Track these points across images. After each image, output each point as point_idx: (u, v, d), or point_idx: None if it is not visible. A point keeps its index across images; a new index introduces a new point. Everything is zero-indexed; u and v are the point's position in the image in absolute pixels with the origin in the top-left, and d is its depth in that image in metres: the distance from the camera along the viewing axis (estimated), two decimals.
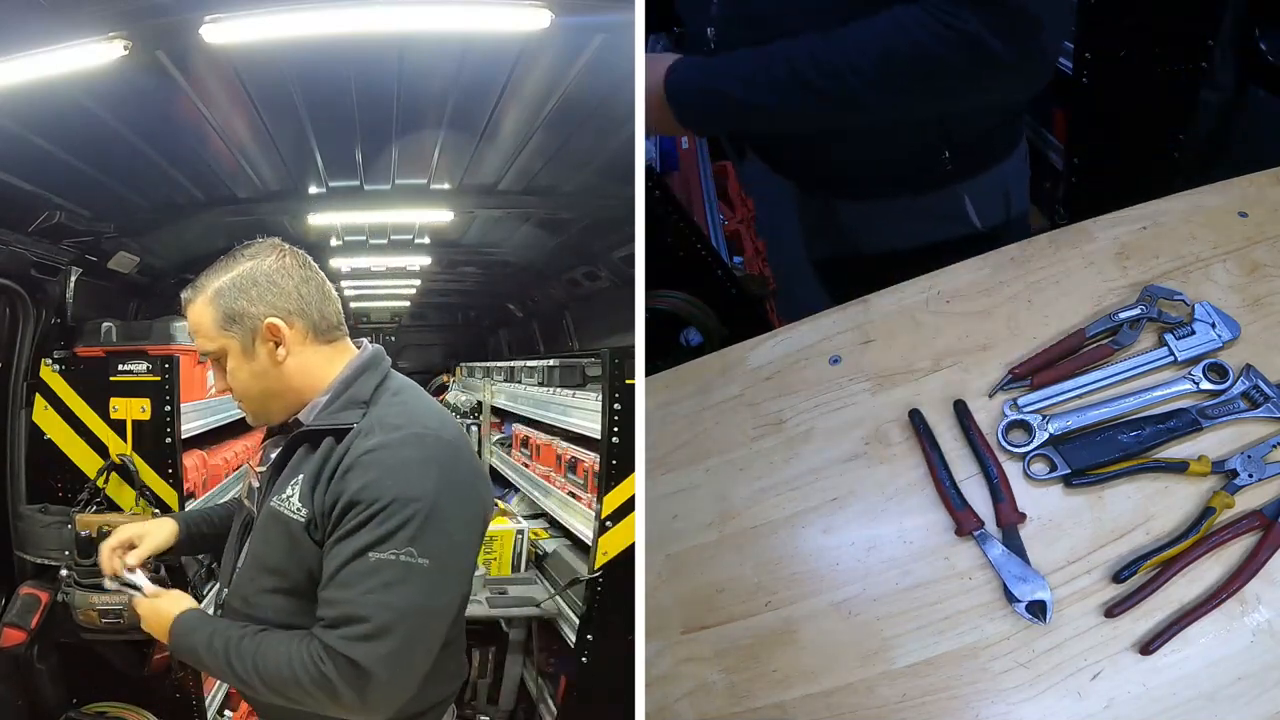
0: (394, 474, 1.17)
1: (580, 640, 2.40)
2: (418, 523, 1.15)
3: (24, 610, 2.29)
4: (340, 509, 1.17)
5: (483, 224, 3.32)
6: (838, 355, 1.40)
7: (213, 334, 1.30)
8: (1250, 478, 1.18)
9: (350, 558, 1.15)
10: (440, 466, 1.20)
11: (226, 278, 1.30)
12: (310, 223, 3.10)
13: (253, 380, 1.31)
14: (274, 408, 1.34)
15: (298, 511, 1.23)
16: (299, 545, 1.23)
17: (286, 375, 1.31)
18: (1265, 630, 1.13)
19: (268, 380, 1.31)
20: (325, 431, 1.26)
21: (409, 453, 1.19)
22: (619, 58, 1.57)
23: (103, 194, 2.51)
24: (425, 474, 1.18)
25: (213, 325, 1.30)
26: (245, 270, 1.30)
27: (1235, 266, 1.30)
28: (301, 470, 1.26)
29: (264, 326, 1.29)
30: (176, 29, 1.71)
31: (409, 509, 1.15)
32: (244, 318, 1.29)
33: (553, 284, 4.10)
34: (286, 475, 1.28)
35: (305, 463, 1.26)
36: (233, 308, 1.29)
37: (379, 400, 1.29)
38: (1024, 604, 1.19)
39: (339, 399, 1.29)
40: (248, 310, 1.29)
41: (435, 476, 1.19)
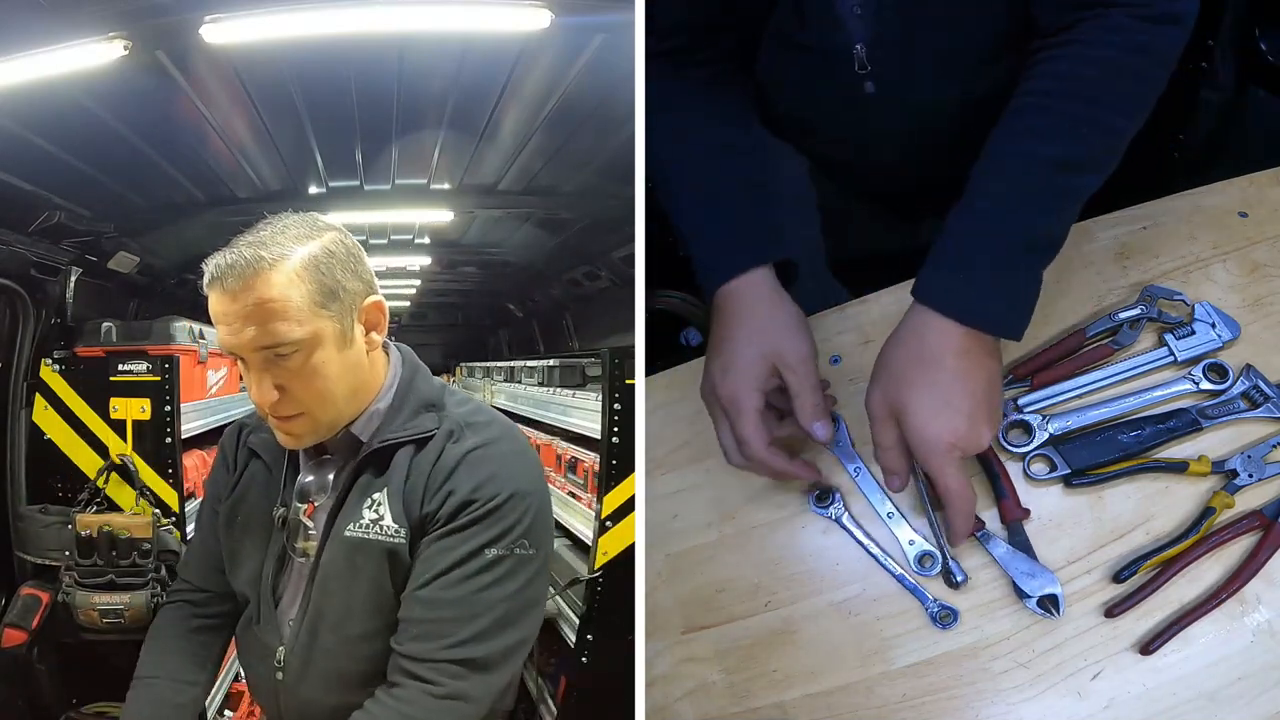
0: (506, 469, 1.11)
1: (580, 640, 2.41)
2: (533, 516, 1.11)
3: (25, 611, 2.30)
4: (451, 509, 1.08)
5: (483, 224, 3.32)
6: (838, 355, 1.40)
7: (304, 314, 1.05)
8: (1250, 478, 1.18)
9: (466, 557, 1.07)
10: (535, 458, 1.19)
11: (316, 245, 1.08)
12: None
13: (344, 375, 1.10)
14: (347, 413, 1.14)
15: (395, 534, 1.10)
16: (393, 576, 1.11)
17: (369, 371, 1.15)
18: (1265, 630, 1.13)
19: (358, 375, 1.13)
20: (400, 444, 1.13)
21: (510, 446, 1.14)
22: (619, 58, 1.57)
23: (103, 194, 2.52)
24: (530, 467, 1.16)
25: (307, 302, 1.05)
26: (334, 240, 1.10)
27: (1235, 266, 1.30)
28: (376, 488, 1.12)
29: (369, 305, 1.12)
30: (176, 29, 1.72)
31: (525, 503, 1.10)
32: (346, 294, 1.08)
33: (553, 284, 4.10)
34: (355, 497, 1.13)
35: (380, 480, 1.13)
36: (336, 280, 1.07)
37: (447, 401, 1.18)
38: (1035, 599, 1.20)
39: (407, 404, 1.16)
40: (349, 286, 1.09)
41: (537, 469, 1.17)
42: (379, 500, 1.11)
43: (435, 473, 1.10)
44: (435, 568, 1.08)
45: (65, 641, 2.32)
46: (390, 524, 1.10)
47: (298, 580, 1.20)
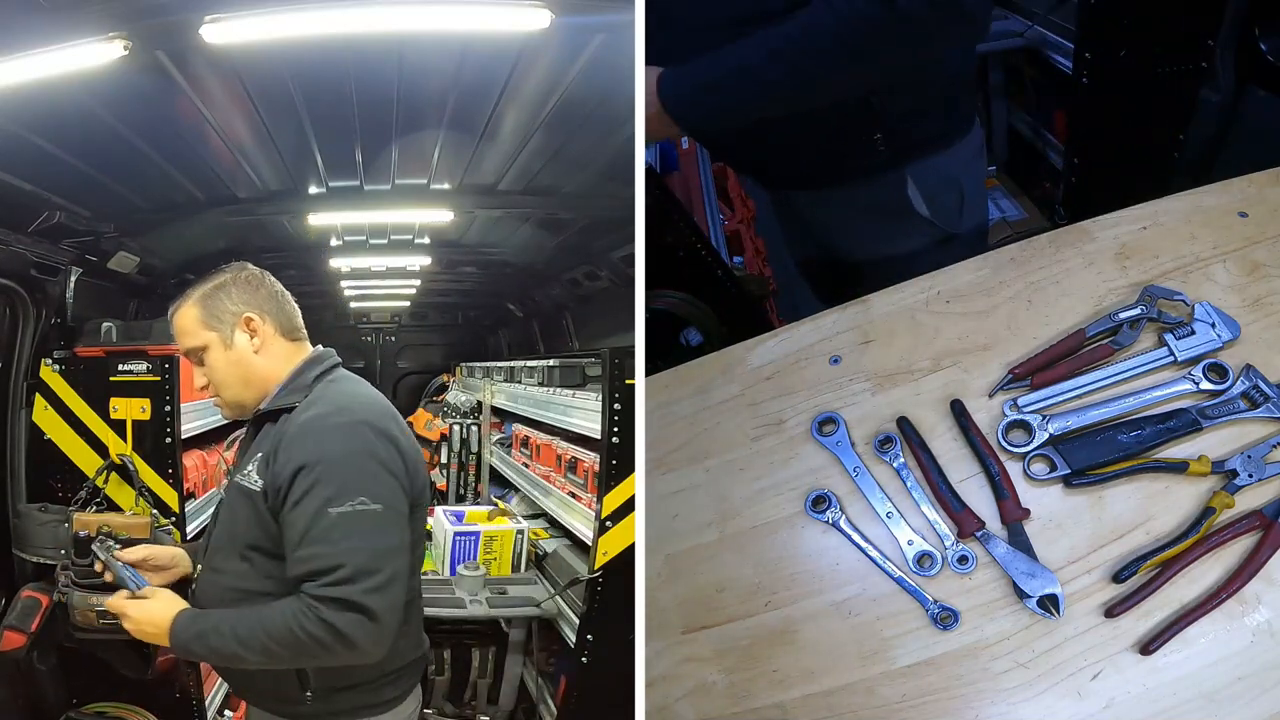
0: (329, 437, 1.35)
1: (580, 640, 2.40)
2: (360, 475, 1.32)
3: (24, 613, 2.29)
4: (289, 475, 1.33)
5: (483, 224, 3.32)
6: (838, 355, 1.40)
7: (197, 330, 1.51)
8: (1250, 478, 1.18)
9: (314, 516, 1.29)
10: (368, 426, 1.38)
11: (207, 285, 1.53)
12: (310, 223, 3.10)
13: (230, 368, 1.50)
14: (247, 396, 1.52)
15: (255, 483, 1.39)
16: (258, 512, 1.38)
17: (258, 364, 1.50)
18: (1265, 630, 1.13)
19: (243, 368, 1.50)
20: (276, 412, 1.45)
21: (338, 419, 1.38)
22: (619, 58, 1.57)
23: (103, 194, 2.51)
24: (354, 434, 1.36)
25: (196, 322, 1.51)
26: (223, 279, 1.54)
27: (1235, 266, 1.30)
28: (260, 449, 1.44)
29: (241, 319, 1.50)
30: (176, 29, 1.71)
31: (348, 465, 1.33)
32: (224, 314, 1.51)
33: (553, 284, 4.10)
34: (249, 455, 1.47)
35: (264, 441, 1.44)
36: (215, 306, 1.51)
37: (318, 387, 1.47)
38: (1035, 599, 1.20)
39: (289, 386, 1.49)
40: (228, 307, 1.51)
41: (363, 435, 1.36)
42: (256, 458, 1.42)
43: (282, 441, 1.38)
44: (297, 531, 1.31)
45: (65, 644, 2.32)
46: (255, 476, 1.40)
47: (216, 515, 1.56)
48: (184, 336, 1.54)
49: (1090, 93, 2.08)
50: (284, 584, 1.34)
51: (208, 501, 2.98)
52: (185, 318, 1.52)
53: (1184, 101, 1.98)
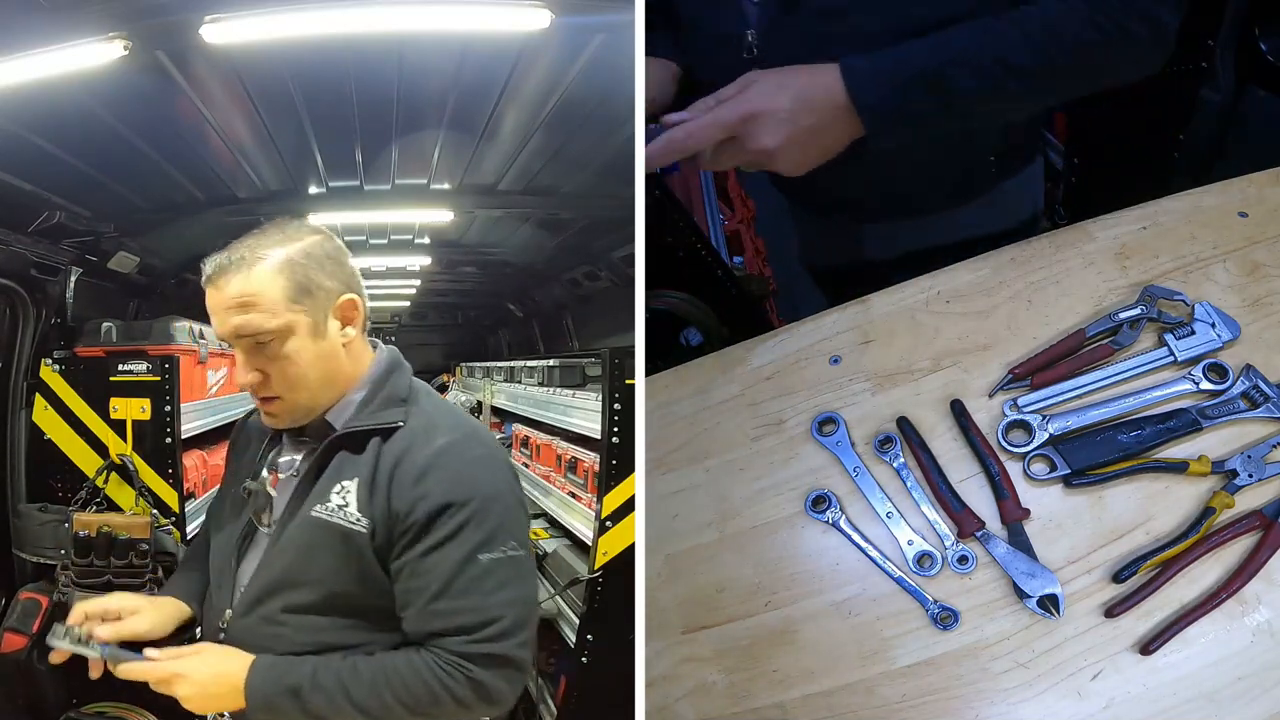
0: (476, 471, 1.17)
1: (580, 640, 2.40)
2: (511, 517, 1.17)
3: (25, 615, 2.30)
4: (427, 514, 1.13)
5: (483, 224, 3.32)
6: (838, 355, 1.40)
7: (278, 307, 1.17)
8: (1250, 478, 1.18)
9: (461, 563, 1.13)
10: (504, 459, 1.24)
11: (295, 248, 1.20)
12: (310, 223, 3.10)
13: (316, 363, 1.20)
14: (321, 400, 1.23)
15: (357, 520, 1.15)
16: (358, 556, 1.16)
17: (343, 362, 1.23)
18: (1265, 630, 1.13)
19: (330, 364, 1.21)
20: (369, 432, 1.19)
21: (479, 450, 1.20)
22: (619, 58, 1.57)
23: (103, 194, 2.52)
24: (499, 468, 1.20)
25: (281, 297, 1.17)
26: (313, 243, 1.22)
27: (1235, 266, 1.30)
28: (347, 475, 1.18)
29: (342, 302, 1.21)
30: (176, 29, 1.72)
31: (500, 505, 1.16)
32: (320, 291, 1.20)
33: (553, 284, 4.10)
34: (326, 481, 1.20)
35: (351, 467, 1.19)
36: (309, 278, 1.19)
37: (416, 399, 1.25)
38: (1035, 599, 1.20)
39: (377, 396, 1.23)
40: (324, 284, 1.20)
41: (506, 470, 1.22)
42: (348, 489, 1.18)
43: (402, 470, 1.16)
44: (438, 578, 1.13)
45: None
46: (354, 512, 1.17)
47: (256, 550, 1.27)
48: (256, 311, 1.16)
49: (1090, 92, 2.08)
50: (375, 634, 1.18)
51: (207, 501, 2.98)
52: (261, 285, 1.16)
53: (1184, 101, 1.98)
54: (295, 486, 1.23)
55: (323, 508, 1.18)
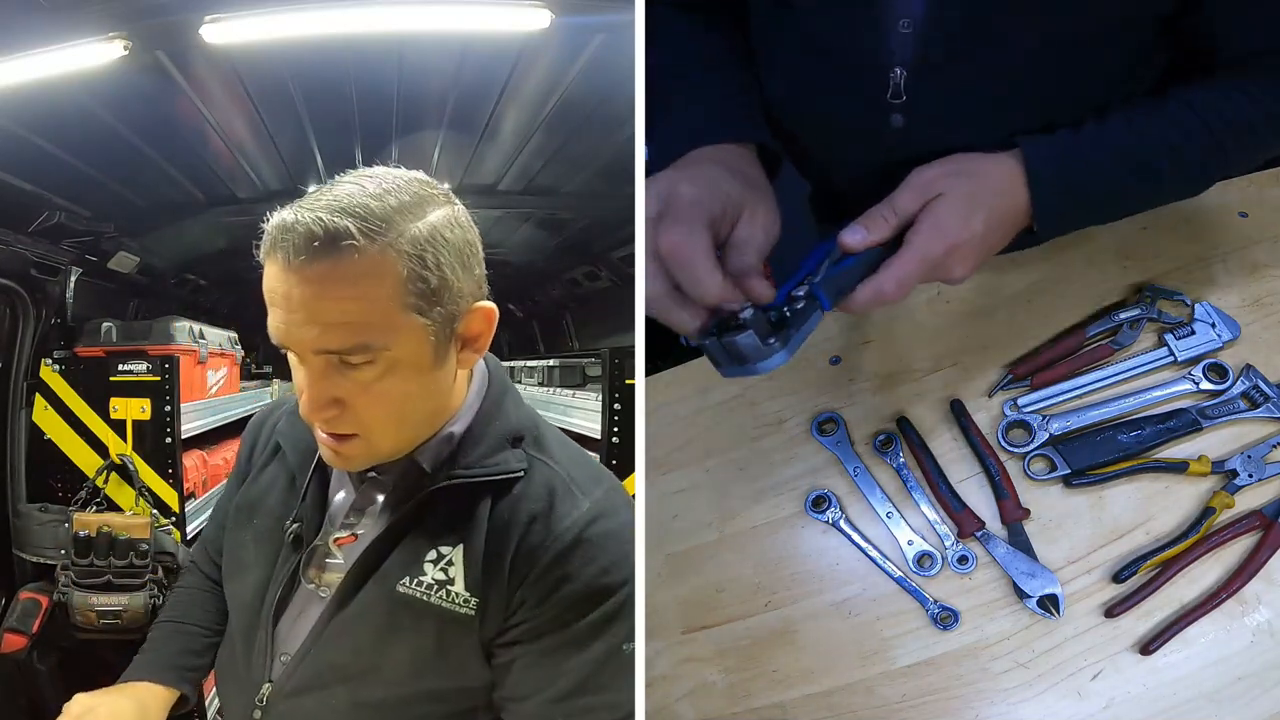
0: (627, 547, 0.94)
1: None
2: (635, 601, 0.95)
3: (25, 615, 2.30)
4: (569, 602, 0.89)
5: (483, 224, 3.32)
6: (838, 355, 1.40)
7: (393, 316, 0.80)
8: (1250, 478, 1.18)
9: (606, 657, 0.92)
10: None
11: (425, 224, 0.82)
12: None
13: (426, 398, 0.89)
14: (412, 439, 0.93)
15: (465, 603, 0.89)
16: (457, 645, 0.91)
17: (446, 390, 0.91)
18: (1265, 630, 1.13)
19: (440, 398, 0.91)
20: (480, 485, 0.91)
21: (626, 517, 0.95)
22: (619, 58, 1.57)
23: (103, 194, 2.52)
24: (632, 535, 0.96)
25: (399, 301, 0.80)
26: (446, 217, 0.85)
27: (1235, 266, 1.30)
28: (447, 540, 0.91)
29: (477, 312, 0.87)
30: (176, 29, 1.72)
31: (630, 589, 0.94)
32: (451, 297, 0.83)
33: (553, 284, 4.10)
34: (415, 545, 0.92)
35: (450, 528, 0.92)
36: (442, 277, 0.82)
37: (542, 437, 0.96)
38: (1035, 599, 1.20)
39: (486, 434, 0.93)
40: (458, 285, 0.84)
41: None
42: (451, 559, 0.90)
43: (535, 543, 0.89)
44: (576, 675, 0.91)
45: (65, 644, 2.32)
46: (461, 592, 0.90)
47: (304, 613, 0.99)
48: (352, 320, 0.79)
49: None
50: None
51: (207, 502, 2.98)
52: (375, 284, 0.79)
53: None
54: (369, 544, 0.95)
55: (414, 583, 0.91)
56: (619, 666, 0.92)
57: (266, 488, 1.05)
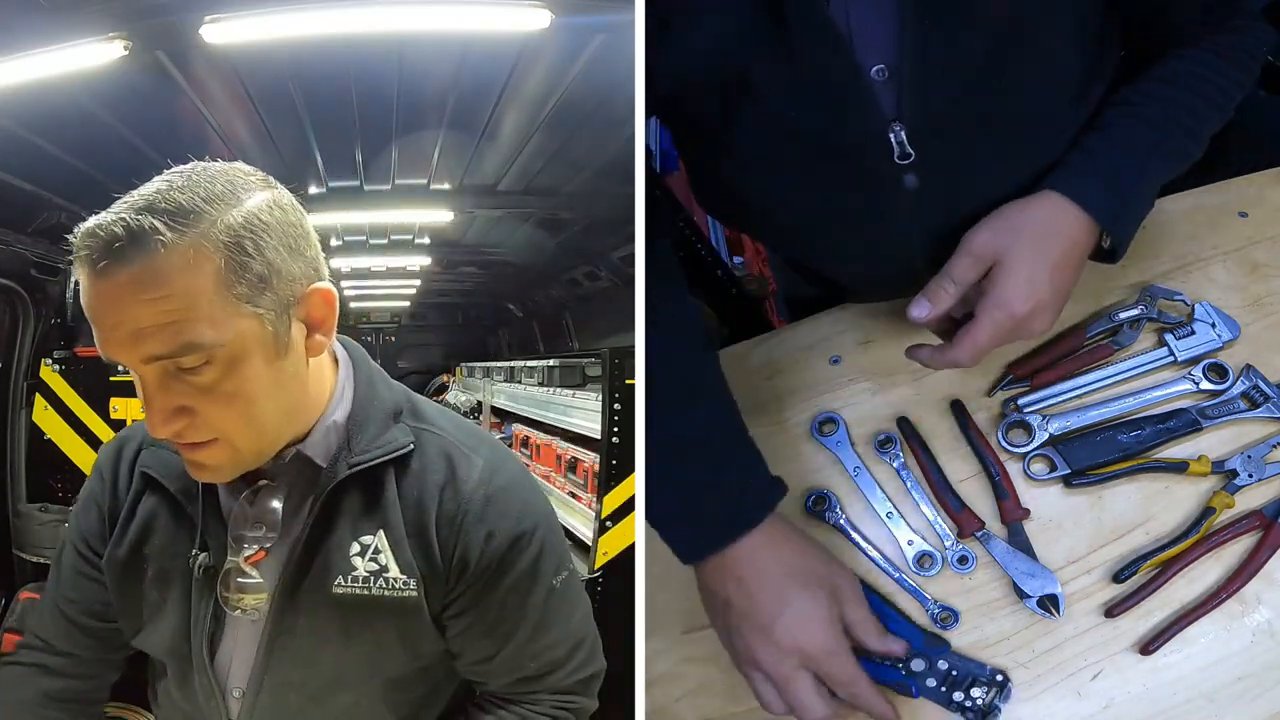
0: (527, 496, 0.99)
1: None
2: (559, 537, 1.04)
3: (25, 615, 2.30)
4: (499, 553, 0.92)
5: (483, 224, 3.33)
6: (838, 355, 1.40)
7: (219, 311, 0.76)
8: (1250, 478, 1.18)
9: (546, 596, 0.98)
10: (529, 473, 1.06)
11: (240, 212, 0.78)
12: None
13: (277, 391, 0.83)
14: (283, 436, 0.89)
15: (405, 586, 0.90)
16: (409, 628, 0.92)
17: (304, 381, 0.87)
18: (1265, 630, 1.13)
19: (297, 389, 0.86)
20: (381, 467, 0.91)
21: (516, 467, 1.01)
22: (619, 58, 1.57)
23: (103, 194, 2.51)
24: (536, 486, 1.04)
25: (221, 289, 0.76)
26: (267, 203, 0.81)
27: (1235, 266, 1.30)
28: (366, 529, 0.90)
29: (313, 295, 0.83)
30: (176, 29, 1.72)
31: (551, 527, 1.01)
32: (281, 282, 0.80)
33: (553, 284, 4.11)
34: (338, 543, 0.91)
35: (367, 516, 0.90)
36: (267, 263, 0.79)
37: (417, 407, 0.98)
38: (1035, 599, 1.20)
39: (371, 415, 0.92)
40: (287, 269, 0.80)
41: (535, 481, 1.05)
42: (377, 547, 0.90)
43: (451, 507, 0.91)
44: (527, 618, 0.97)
45: None
46: (399, 576, 0.90)
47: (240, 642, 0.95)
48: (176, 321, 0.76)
49: None
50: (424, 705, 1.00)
51: None
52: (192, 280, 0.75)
53: None
54: (290, 554, 0.91)
55: (349, 580, 0.90)
56: (561, 599, 0.99)
57: (144, 529, 0.97)
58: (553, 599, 0.99)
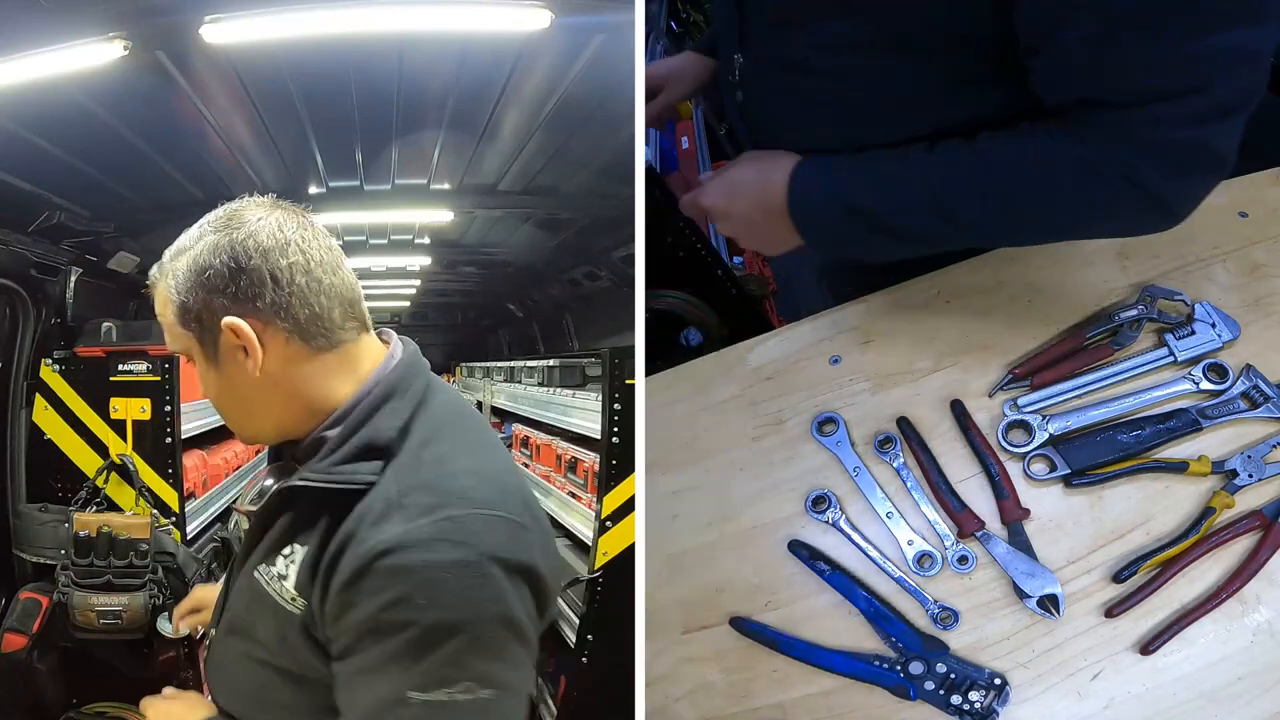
0: (430, 588, 0.83)
1: (580, 640, 2.41)
2: (477, 652, 0.84)
3: (25, 615, 2.30)
4: (356, 631, 0.85)
5: (483, 224, 3.33)
6: (838, 355, 1.40)
7: (175, 329, 0.98)
8: (1250, 478, 1.18)
9: (390, 703, 0.83)
10: (498, 564, 0.86)
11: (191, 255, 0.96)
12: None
13: (223, 394, 0.99)
14: (262, 428, 1.01)
15: (292, 600, 0.92)
16: (292, 638, 0.93)
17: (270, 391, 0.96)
18: (1265, 630, 1.13)
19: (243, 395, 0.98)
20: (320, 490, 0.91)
21: (449, 554, 0.84)
22: (619, 58, 1.57)
23: (103, 194, 2.52)
24: (475, 583, 0.84)
25: (174, 318, 0.97)
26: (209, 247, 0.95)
27: (1235, 266, 1.30)
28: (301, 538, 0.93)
29: (223, 328, 0.94)
30: (176, 29, 1.72)
31: (460, 638, 0.83)
32: (200, 313, 0.95)
33: (553, 284, 4.11)
34: (278, 537, 0.96)
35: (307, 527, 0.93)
36: (192, 297, 0.95)
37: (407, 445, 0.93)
38: (1035, 599, 1.20)
39: (351, 439, 0.93)
40: (205, 303, 0.94)
41: (491, 583, 0.85)
42: (294, 557, 0.93)
43: (344, 561, 0.87)
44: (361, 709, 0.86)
45: (65, 644, 2.33)
46: (290, 589, 0.92)
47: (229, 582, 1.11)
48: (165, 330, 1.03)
49: None
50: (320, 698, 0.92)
51: (207, 502, 2.98)
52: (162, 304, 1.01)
53: None
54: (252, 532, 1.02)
55: (266, 570, 0.95)
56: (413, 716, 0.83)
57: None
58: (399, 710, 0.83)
